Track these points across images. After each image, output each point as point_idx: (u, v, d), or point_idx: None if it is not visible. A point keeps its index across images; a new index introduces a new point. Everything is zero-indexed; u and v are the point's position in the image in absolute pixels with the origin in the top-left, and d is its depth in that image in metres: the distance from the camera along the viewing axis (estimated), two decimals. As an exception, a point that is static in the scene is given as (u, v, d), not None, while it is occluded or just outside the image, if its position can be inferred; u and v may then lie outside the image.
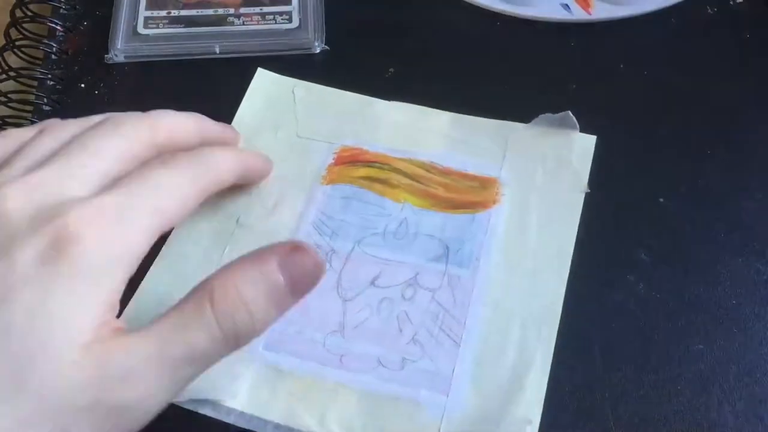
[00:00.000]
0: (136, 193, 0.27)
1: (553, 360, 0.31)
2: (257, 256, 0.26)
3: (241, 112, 0.39)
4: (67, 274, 0.24)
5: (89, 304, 0.25)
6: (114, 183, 0.28)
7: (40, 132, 0.30)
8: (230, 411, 0.30)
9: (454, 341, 0.32)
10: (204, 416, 0.30)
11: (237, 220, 0.35)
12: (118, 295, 0.26)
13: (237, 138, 0.36)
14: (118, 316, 0.26)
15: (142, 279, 0.33)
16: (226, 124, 0.36)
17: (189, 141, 0.32)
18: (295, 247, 0.26)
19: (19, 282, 0.24)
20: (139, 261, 0.27)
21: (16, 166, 0.28)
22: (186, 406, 0.30)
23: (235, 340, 0.26)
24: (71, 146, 0.28)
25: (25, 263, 0.24)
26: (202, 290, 0.25)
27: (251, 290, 0.25)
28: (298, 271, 0.26)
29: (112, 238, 0.26)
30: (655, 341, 0.32)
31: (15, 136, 0.30)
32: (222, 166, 0.32)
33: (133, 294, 0.32)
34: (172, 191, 0.28)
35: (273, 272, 0.26)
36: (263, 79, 0.40)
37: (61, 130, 0.30)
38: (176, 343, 0.25)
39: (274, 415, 0.30)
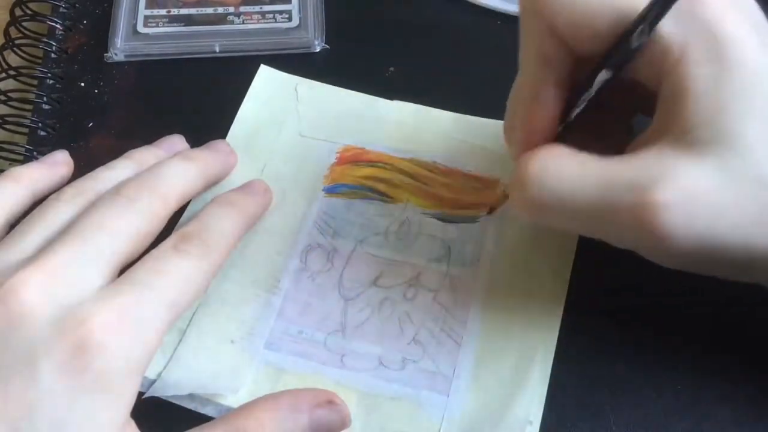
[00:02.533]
0: (154, 288, 0.27)
1: (553, 360, 0.31)
2: (293, 401, 0.27)
3: (244, 110, 0.39)
4: (90, 388, 0.24)
5: (111, 417, 0.25)
6: (130, 272, 0.28)
7: (59, 194, 0.31)
8: (231, 410, 0.30)
9: (455, 341, 0.32)
10: (204, 416, 0.30)
11: (238, 220, 0.35)
12: (134, 397, 0.26)
13: (234, 161, 0.36)
14: None
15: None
16: (220, 146, 0.36)
17: (195, 194, 0.34)
18: (329, 401, 0.27)
19: (43, 395, 0.24)
20: (153, 357, 0.27)
21: (30, 239, 0.28)
22: (187, 406, 0.30)
23: None
24: (86, 222, 0.29)
25: (49, 375, 0.24)
26: (234, 427, 0.26)
27: None
28: (324, 425, 0.27)
29: (132, 344, 0.26)
30: (655, 341, 0.32)
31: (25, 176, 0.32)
32: (230, 240, 0.32)
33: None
34: (186, 284, 0.28)
35: (303, 422, 0.27)
36: (266, 76, 0.40)
37: (75, 194, 0.31)
38: None
39: (276, 414, 0.30)
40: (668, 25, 0.25)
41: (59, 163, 0.35)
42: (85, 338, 0.25)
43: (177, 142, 0.36)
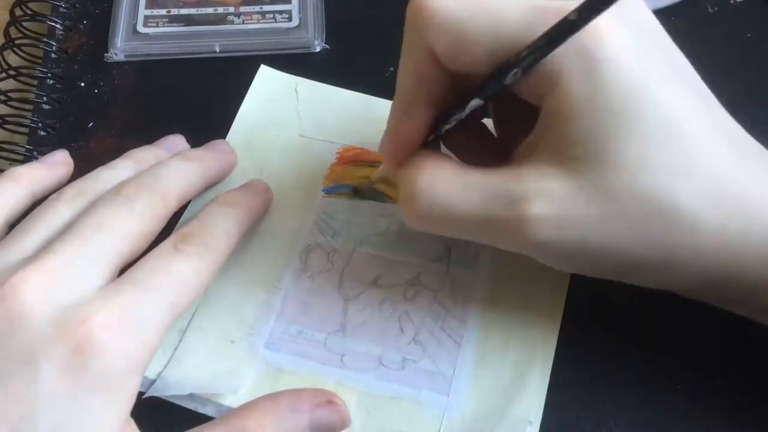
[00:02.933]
0: (154, 288, 0.27)
1: (554, 360, 0.31)
2: (293, 401, 0.27)
3: (244, 110, 0.39)
4: (90, 388, 0.25)
5: (111, 417, 0.25)
6: (130, 272, 0.28)
7: (59, 195, 0.31)
8: (231, 410, 0.30)
9: (455, 341, 0.32)
10: (204, 415, 0.30)
11: (238, 220, 0.35)
12: (134, 398, 0.26)
13: (235, 161, 0.36)
14: None
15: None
16: (220, 145, 0.36)
17: (195, 193, 0.34)
18: (329, 401, 0.27)
19: (43, 396, 0.24)
20: (153, 357, 0.27)
21: (30, 239, 0.28)
22: (187, 406, 0.30)
23: None
24: (86, 222, 0.29)
25: (49, 375, 0.24)
26: (235, 427, 0.26)
27: None
28: (324, 426, 0.27)
29: (132, 344, 0.26)
30: (655, 341, 0.32)
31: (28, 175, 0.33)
32: (230, 240, 0.32)
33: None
34: (186, 284, 0.28)
35: (303, 422, 0.27)
36: (266, 77, 0.40)
37: (76, 195, 0.31)
38: None
39: (276, 414, 0.30)
40: None
41: (59, 163, 0.35)
42: (85, 338, 0.25)
43: (177, 142, 0.36)
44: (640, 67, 0.25)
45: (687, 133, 0.25)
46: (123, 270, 0.28)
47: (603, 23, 0.24)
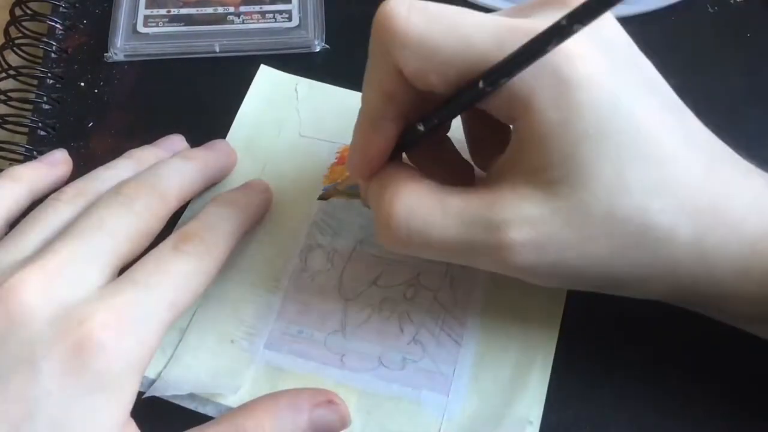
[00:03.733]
0: (154, 287, 0.27)
1: (554, 360, 0.31)
2: (293, 400, 0.27)
3: (244, 109, 0.39)
4: (90, 388, 0.25)
5: (111, 417, 0.25)
6: (130, 272, 0.28)
7: (59, 194, 0.31)
8: (231, 410, 0.30)
9: (455, 341, 0.32)
10: (204, 415, 0.30)
11: (238, 220, 0.35)
12: (134, 397, 0.26)
13: (234, 160, 0.36)
14: None
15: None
16: (220, 145, 0.36)
17: (195, 193, 0.34)
18: (329, 401, 0.27)
19: (43, 395, 0.24)
20: (153, 356, 0.27)
21: (30, 238, 0.28)
22: (187, 405, 0.30)
23: None
24: (86, 222, 0.29)
25: (49, 375, 0.24)
26: (234, 426, 0.26)
27: None
28: (324, 425, 0.27)
29: (131, 344, 0.26)
30: (655, 341, 0.32)
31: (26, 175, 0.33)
32: (229, 240, 0.32)
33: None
34: (186, 284, 0.28)
35: (302, 422, 0.27)
36: (266, 76, 0.40)
37: (76, 195, 0.31)
38: None
39: (276, 414, 0.30)
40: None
41: (58, 162, 0.35)
42: (85, 338, 0.25)
43: (177, 141, 0.36)
44: (612, 85, 0.25)
45: (659, 148, 0.25)
46: (123, 270, 0.28)
47: (573, 43, 0.23)
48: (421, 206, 0.27)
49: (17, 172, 0.33)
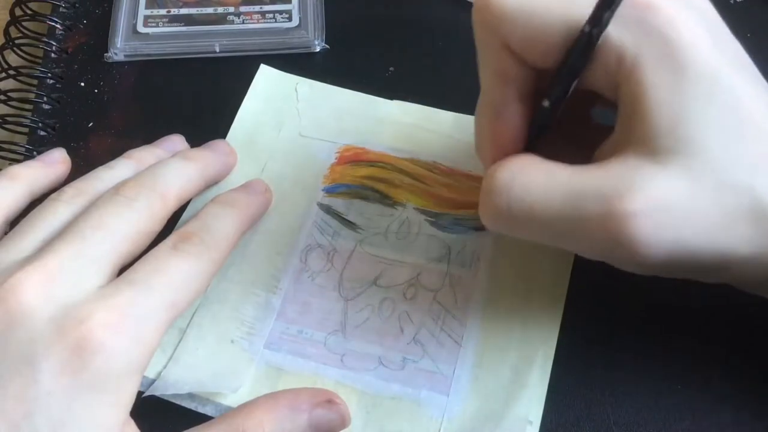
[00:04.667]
0: (153, 287, 0.27)
1: (553, 360, 0.31)
2: (292, 400, 0.27)
3: (244, 109, 0.39)
4: (89, 387, 0.25)
5: (110, 417, 0.25)
6: (130, 272, 0.28)
7: (59, 194, 0.31)
8: (231, 409, 0.30)
9: (455, 341, 0.32)
10: (204, 415, 0.30)
11: (238, 220, 0.35)
12: (134, 397, 0.26)
13: (234, 161, 0.36)
14: None
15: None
16: (220, 145, 0.36)
17: (195, 193, 0.34)
18: (329, 401, 0.27)
19: (43, 395, 0.24)
20: (152, 356, 0.27)
21: (30, 238, 0.28)
22: (187, 405, 0.30)
23: None
24: (86, 222, 0.29)
25: (49, 375, 0.24)
26: (234, 426, 0.26)
27: None
28: (324, 425, 0.27)
29: (131, 344, 0.26)
30: (655, 341, 0.32)
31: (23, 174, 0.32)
32: (229, 240, 0.32)
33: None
34: (185, 284, 0.28)
35: (302, 421, 0.27)
36: (266, 76, 0.40)
37: (75, 194, 0.31)
38: None
39: (276, 414, 0.30)
40: (619, 32, 0.25)
41: (57, 161, 0.35)
42: (85, 338, 0.25)
43: (177, 141, 0.36)
44: (713, 57, 0.24)
45: (758, 125, 0.25)
46: (123, 270, 0.28)
47: (672, 7, 0.23)
48: (525, 175, 0.26)
49: (16, 171, 0.33)
